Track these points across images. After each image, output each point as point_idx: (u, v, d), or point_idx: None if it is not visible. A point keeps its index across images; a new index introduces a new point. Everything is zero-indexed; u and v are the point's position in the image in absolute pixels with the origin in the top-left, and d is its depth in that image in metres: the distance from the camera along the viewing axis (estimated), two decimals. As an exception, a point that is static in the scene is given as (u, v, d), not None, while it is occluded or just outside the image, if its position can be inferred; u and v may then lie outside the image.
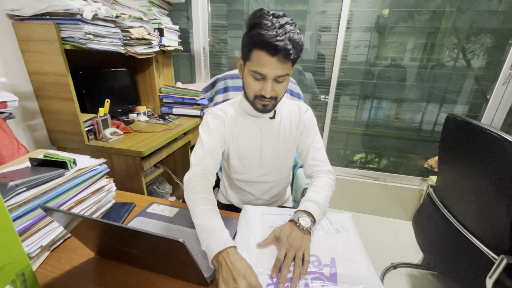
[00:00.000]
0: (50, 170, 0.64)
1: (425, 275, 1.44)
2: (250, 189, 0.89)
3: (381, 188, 1.92)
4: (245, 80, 0.72)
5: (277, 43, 0.60)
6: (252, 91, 0.70)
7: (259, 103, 0.71)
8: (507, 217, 0.79)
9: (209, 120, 0.79)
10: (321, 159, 0.82)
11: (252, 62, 0.65)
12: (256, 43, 0.62)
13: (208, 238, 0.55)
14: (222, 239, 0.54)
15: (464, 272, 0.94)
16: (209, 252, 0.54)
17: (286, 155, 0.86)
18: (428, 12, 1.60)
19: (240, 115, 0.81)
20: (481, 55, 1.63)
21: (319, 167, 0.81)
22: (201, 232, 0.57)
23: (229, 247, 0.53)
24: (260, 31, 0.60)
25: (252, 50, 0.64)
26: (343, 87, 1.86)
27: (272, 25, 0.61)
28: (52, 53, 1.03)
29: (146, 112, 1.68)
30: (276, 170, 0.87)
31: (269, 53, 0.62)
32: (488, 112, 1.67)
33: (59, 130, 1.20)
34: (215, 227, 0.57)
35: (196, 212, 0.61)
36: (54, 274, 0.56)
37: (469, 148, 0.94)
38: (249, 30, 0.64)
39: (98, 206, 0.74)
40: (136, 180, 1.24)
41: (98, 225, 0.49)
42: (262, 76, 0.66)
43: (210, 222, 0.58)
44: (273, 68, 0.64)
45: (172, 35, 1.68)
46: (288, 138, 0.83)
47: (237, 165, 0.84)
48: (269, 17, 0.62)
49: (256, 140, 0.81)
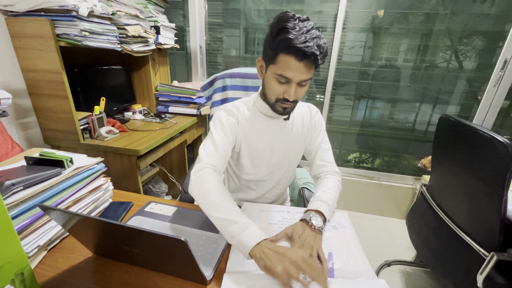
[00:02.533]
0: (47, 169, 0.63)
1: (418, 272, 1.47)
2: (256, 187, 0.89)
3: (375, 187, 1.95)
4: (267, 83, 0.71)
5: (306, 49, 0.60)
6: (275, 94, 0.70)
7: (280, 106, 0.71)
8: (497, 216, 0.81)
9: (223, 116, 0.77)
10: (328, 160, 0.84)
11: (278, 65, 0.65)
12: (285, 48, 0.62)
13: (240, 232, 0.55)
14: (256, 232, 0.55)
15: (456, 268, 0.96)
16: (243, 246, 0.54)
17: (294, 156, 0.87)
18: (422, 14, 1.63)
19: (255, 114, 0.80)
20: (473, 57, 1.67)
21: (327, 168, 0.83)
22: (227, 225, 0.57)
23: (265, 239, 0.54)
24: (288, 36, 0.60)
25: (279, 54, 0.64)
26: (338, 87, 1.88)
27: (300, 30, 0.60)
28: (47, 50, 1.02)
29: (142, 110, 1.66)
30: (283, 171, 0.88)
31: (297, 58, 0.62)
32: (479, 113, 1.71)
33: (53, 128, 1.18)
34: (246, 222, 0.57)
35: (217, 207, 0.59)
36: (51, 273, 0.55)
37: (461, 148, 0.96)
38: (276, 34, 0.63)
39: (96, 205, 0.74)
40: (132, 179, 1.23)
41: (98, 224, 0.48)
42: (287, 80, 0.66)
43: (237, 217, 0.58)
44: (300, 73, 0.64)
45: (169, 33, 1.67)
46: (299, 139, 0.85)
47: (247, 165, 0.84)
48: (295, 21, 0.61)
49: (269, 140, 0.81)
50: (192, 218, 0.72)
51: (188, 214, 0.74)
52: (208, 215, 0.60)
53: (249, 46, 1.95)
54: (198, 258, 0.58)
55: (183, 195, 0.99)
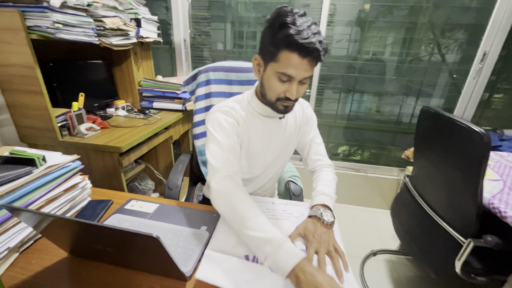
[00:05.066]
0: (16, 167, 0.60)
1: (402, 260, 1.52)
2: (248, 184, 0.89)
3: (362, 179, 1.99)
4: (267, 82, 0.68)
5: (309, 45, 0.58)
6: (276, 93, 0.67)
7: (281, 104, 0.69)
8: (473, 203, 0.84)
9: (221, 118, 0.72)
10: (322, 154, 0.86)
11: (279, 63, 0.62)
12: (288, 44, 0.59)
13: (274, 253, 0.50)
14: (292, 251, 0.50)
15: (436, 255, 1.00)
16: (280, 268, 0.49)
17: (288, 153, 0.87)
18: (406, 7, 1.64)
19: (250, 114, 0.77)
20: (455, 50, 1.71)
21: (321, 162, 0.84)
22: (261, 245, 0.52)
23: (303, 259, 0.50)
24: (290, 31, 0.58)
25: (281, 51, 0.61)
26: (326, 81, 1.88)
27: (301, 25, 0.58)
28: (17, 43, 0.96)
29: (125, 106, 1.62)
30: (276, 168, 0.88)
31: (300, 55, 0.60)
32: (460, 105, 1.75)
33: (29, 125, 1.13)
34: (279, 239, 0.52)
35: (248, 224, 0.55)
36: (23, 276, 0.53)
37: (441, 139, 0.99)
38: (277, 30, 0.60)
39: (72, 204, 0.71)
40: (115, 177, 1.20)
41: (68, 223, 0.47)
42: (289, 78, 0.64)
43: (269, 233, 0.53)
44: (302, 70, 0.62)
45: (151, 26, 1.62)
46: (292, 137, 0.85)
47: (243, 165, 0.82)
48: (294, 16, 0.59)
49: (265, 140, 0.80)
50: (173, 215, 0.71)
51: (170, 211, 0.73)
52: (238, 232, 0.57)
53: (236, 40, 1.92)
54: (178, 254, 0.58)
55: (167, 192, 0.97)
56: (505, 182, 1.04)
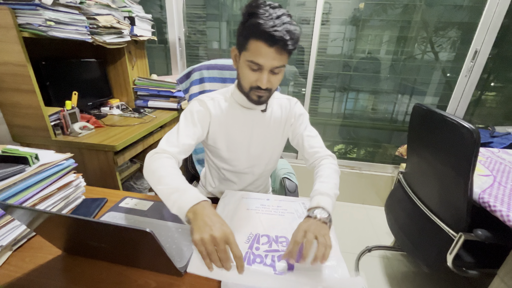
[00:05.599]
0: (9, 166, 0.60)
1: (396, 256, 1.54)
2: (236, 179, 0.89)
3: (357, 177, 2.00)
4: (240, 71, 0.70)
5: (275, 33, 0.59)
6: (248, 82, 0.69)
7: (254, 94, 0.70)
8: (464, 198, 0.85)
9: (194, 107, 0.76)
10: (318, 145, 0.82)
11: (249, 52, 0.64)
12: (254, 33, 0.61)
13: (179, 198, 0.54)
14: (195, 195, 0.54)
15: (428, 250, 1.01)
16: (181, 209, 0.53)
17: (274, 148, 0.86)
18: (400, 6, 1.66)
19: (232, 106, 0.79)
20: (448, 48, 1.73)
21: (320, 153, 0.80)
22: (169, 194, 0.56)
23: (203, 201, 0.53)
24: (258, 20, 0.59)
25: (249, 40, 0.63)
26: (322, 79, 1.89)
27: (270, 15, 0.60)
28: (9, 41, 0.95)
29: (120, 105, 1.61)
30: (263, 163, 0.87)
31: (267, 43, 0.61)
32: (452, 102, 1.78)
33: (21, 125, 1.12)
34: (186, 187, 0.56)
35: (162, 181, 0.58)
36: (17, 274, 0.53)
37: (432, 135, 1.00)
38: (246, 19, 0.62)
39: (66, 203, 0.71)
40: (110, 176, 1.20)
41: (62, 220, 0.46)
42: (258, 66, 0.65)
43: (178, 184, 0.57)
44: (271, 58, 0.63)
45: (145, 25, 1.61)
46: (278, 131, 0.84)
47: (225, 156, 0.83)
48: (266, 7, 0.61)
49: (247, 132, 0.81)
50: (168, 212, 0.71)
51: (164, 208, 0.73)
52: (154, 189, 0.59)
53: (231, 39, 1.92)
54: (173, 250, 0.58)
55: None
56: (495, 177, 1.06)
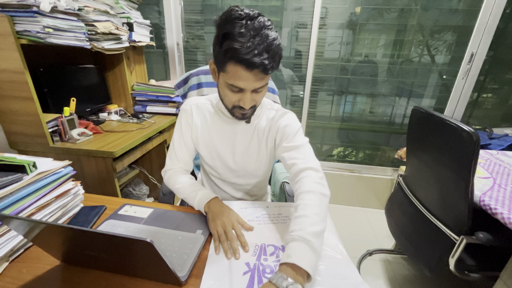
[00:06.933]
0: (6, 174, 0.59)
1: (398, 259, 1.53)
2: (225, 187, 0.89)
3: (356, 180, 2.00)
4: (221, 90, 0.67)
5: (254, 59, 0.54)
6: (230, 102, 0.66)
7: (238, 112, 0.68)
8: (465, 201, 0.85)
9: (181, 118, 0.81)
10: (301, 156, 0.68)
11: (228, 74, 0.60)
12: (231, 57, 0.56)
13: (196, 196, 0.72)
14: (207, 194, 0.72)
15: (430, 253, 1.01)
16: (200, 205, 0.71)
17: (259, 160, 0.81)
18: (396, 10, 1.68)
19: (217, 114, 0.78)
20: (444, 51, 1.75)
21: (297, 166, 0.66)
22: (191, 198, 0.73)
23: (214, 198, 0.71)
24: (234, 44, 0.54)
25: (227, 64, 0.58)
26: (319, 83, 1.90)
27: (247, 33, 0.54)
28: (6, 48, 0.95)
29: (118, 111, 1.60)
30: (250, 175, 0.84)
31: (247, 69, 0.57)
32: (449, 105, 1.79)
33: (19, 132, 1.11)
34: (199, 188, 0.75)
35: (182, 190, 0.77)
36: (14, 286, 0.52)
37: (431, 138, 1.00)
38: (221, 40, 0.57)
39: (64, 211, 0.70)
40: (109, 183, 1.19)
41: (60, 230, 0.46)
42: (239, 89, 0.62)
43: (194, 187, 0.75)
44: (252, 81, 0.59)
45: (143, 30, 1.62)
46: (261, 143, 0.79)
47: (211, 164, 0.83)
48: (242, 22, 0.55)
49: (229, 142, 0.79)
50: (168, 219, 0.71)
51: (164, 215, 0.72)
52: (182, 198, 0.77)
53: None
54: (173, 258, 0.57)
55: (161, 197, 0.96)
56: (494, 179, 1.06)
